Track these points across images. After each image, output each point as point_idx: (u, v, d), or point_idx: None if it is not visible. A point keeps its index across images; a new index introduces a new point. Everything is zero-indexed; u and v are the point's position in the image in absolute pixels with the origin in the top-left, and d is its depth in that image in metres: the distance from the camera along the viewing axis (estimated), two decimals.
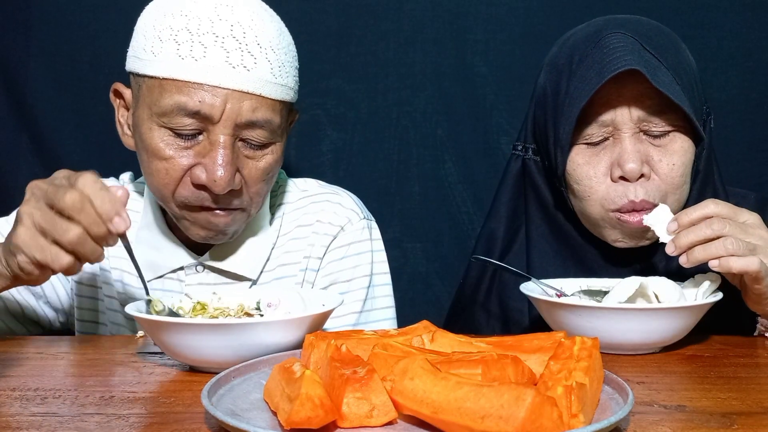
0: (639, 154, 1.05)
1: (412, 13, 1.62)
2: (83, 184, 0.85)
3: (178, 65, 0.99)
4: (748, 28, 1.59)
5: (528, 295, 0.98)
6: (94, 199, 0.84)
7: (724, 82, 1.59)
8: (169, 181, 1.03)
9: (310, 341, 0.77)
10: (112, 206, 0.85)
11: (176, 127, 1.01)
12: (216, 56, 0.99)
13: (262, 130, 1.04)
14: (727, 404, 0.72)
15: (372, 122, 1.64)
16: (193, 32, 0.99)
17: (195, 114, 1.00)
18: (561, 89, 1.09)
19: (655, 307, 0.90)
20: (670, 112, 1.04)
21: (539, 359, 0.71)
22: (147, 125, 1.03)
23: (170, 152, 1.02)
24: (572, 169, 1.10)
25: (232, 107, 1.00)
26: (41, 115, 1.63)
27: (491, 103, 1.63)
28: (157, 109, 1.01)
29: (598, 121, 1.06)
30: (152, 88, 1.02)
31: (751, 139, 1.60)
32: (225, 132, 1.01)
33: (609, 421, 0.58)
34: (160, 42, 1.00)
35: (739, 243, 0.89)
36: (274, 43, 1.04)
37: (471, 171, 1.64)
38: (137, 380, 0.83)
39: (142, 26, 1.05)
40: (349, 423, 0.62)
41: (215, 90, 0.99)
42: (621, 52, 1.03)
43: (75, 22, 1.61)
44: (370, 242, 1.23)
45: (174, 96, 0.99)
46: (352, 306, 1.20)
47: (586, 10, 1.56)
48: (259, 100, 1.02)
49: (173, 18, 1.01)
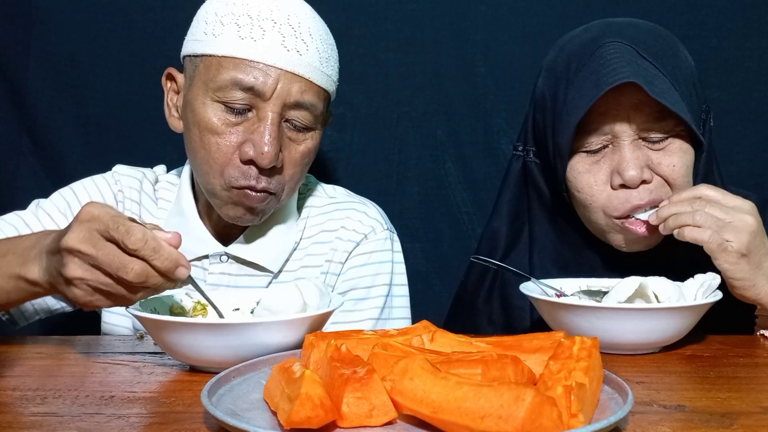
0: (638, 161, 1.05)
1: (412, 13, 1.62)
2: (136, 250, 0.80)
3: (238, 44, 1.07)
4: (748, 28, 1.59)
5: (528, 295, 0.99)
6: (153, 262, 0.81)
7: (724, 82, 1.59)
8: (219, 156, 1.08)
9: (310, 341, 0.77)
10: (171, 263, 0.82)
11: (229, 101, 1.07)
12: (273, 39, 1.07)
13: (307, 113, 1.10)
14: (726, 404, 0.72)
15: (372, 122, 1.64)
16: (254, 17, 1.08)
17: (249, 89, 1.06)
18: (559, 97, 1.09)
19: (655, 307, 0.90)
20: (668, 119, 1.05)
21: (539, 359, 0.71)
22: (201, 100, 1.09)
23: (222, 127, 1.08)
24: (573, 177, 1.10)
25: (283, 86, 1.07)
26: (41, 115, 1.62)
27: (491, 103, 1.63)
28: (214, 85, 1.07)
29: (597, 131, 1.07)
30: (210, 66, 1.08)
31: (753, 140, 1.60)
32: (274, 110, 1.07)
33: (608, 421, 0.58)
34: (222, 25, 1.08)
35: (707, 217, 0.94)
36: (323, 37, 1.13)
37: (471, 171, 1.64)
38: (137, 380, 0.83)
39: (203, 14, 1.12)
40: (348, 423, 0.62)
41: (269, 69, 1.07)
42: (618, 63, 1.03)
43: (75, 22, 1.61)
44: (392, 253, 1.26)
45: (231, 72, 1.06)
46: (370, 312, 1.21)
47: (586, 10, 1.56)
48: (308, 84, 1.09)
49: (235, 6, 1.09)
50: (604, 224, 1.10)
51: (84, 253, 0.81)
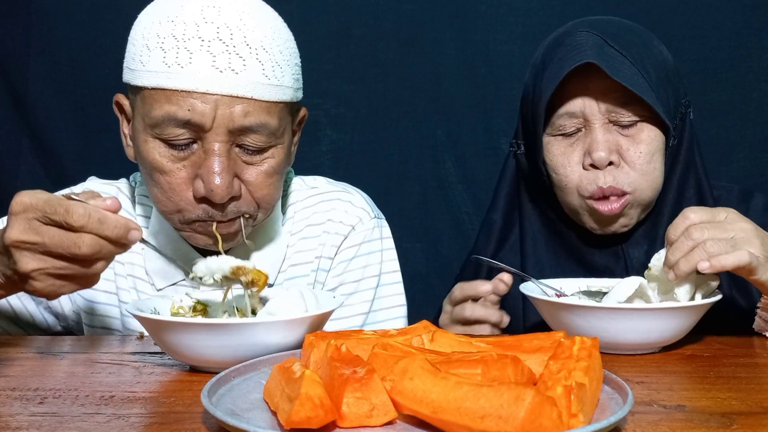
0: (608, 143, 1.11)
1: (412, 13, 1.63)
2: (82, 226, 0.80)
3: (165, 73, 0.96)
4: (748, 28, 1.59)
5: (527, 295, 0.99)
6: (102, 232, 0.81)
7: (724, 82, 1.59)
8: (172, 194, 1.00)
9: (310, 341, 0.77)
10: (121, 228, 0.82)
11: (169, 137, 0.98)
12: (202, 61, 0.95)
13: (257, 135, 1.00)
14: (726, 404, 0.72)
15: (372, 122, 1.64)
16: (179, 38, 0.96)
17: (186, 124, 0.96)
18: (536, 86, 1.16)
19: (655, 307, 0.90)
20: (635, 104, 1.10)
21: (539, 359, 0.71)
22: (142, 137, 1.00)
23: (168, 164, 0.99)
24: (549, 159, 1.16)
25: (223, 113, 0.96)
26: (41, 115, 1.63)
27: (491, 103, 1.63)
28: (149, 121, 0.98)
29: (568, 113, 1.13)
30: (144, 99, 0.99)
31: (753, 139, 1.60)
32: (218, 139, 0.97)
33: (608, 421, 0.58)
34: (148, 51, 0.97)
35: (719, 243, 0.91)
36: (266, 42, 0.99)
37: (471, 171, 1.65)
38: (137, 380, 0.83)
39: (133, 35, 1.02)
40: (348, 423, 0.62)
41: (204, 97, 0.95)
42: (582, 48, 1.10)
43: (75, 22, 1.62)
44: (380, 241, 1.23)
45: (164, 106, 0.96)
46: (360, 307, 1.19)
47: (586, 10, 1.56)
48: (251, 104, 0.98)
49: (160, 25, 0.98)
50: (578, 205, 1.15)
51: (30, 243, 0.80)
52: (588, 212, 1.15)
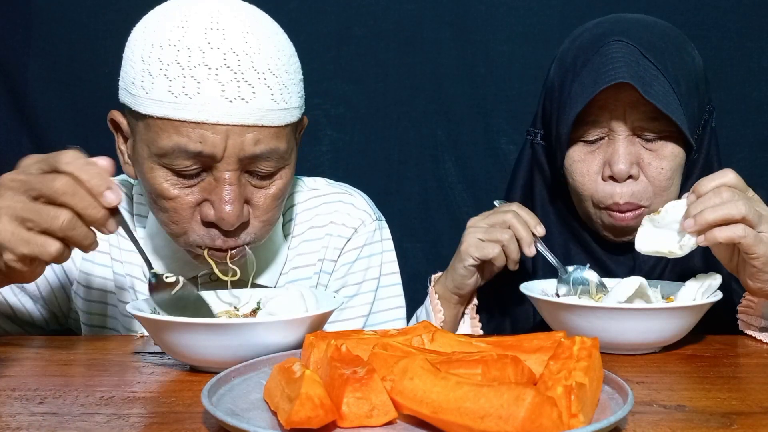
0: (630, 156, 1.10)
1: (412, 13, 1.63)
2: (67, 163, 0.83)
3: (173, 104, 0.93)
4: (749, 28, 1.59)
5: (528, 295, 0.99)
6: (81, 175, 0.82)
7: (724, 82, 1.59)
8: (177, 219, 0.99)
9: (310, 341, 0.77)
10: (102, 180, 0.83)
11: (178, 168, 0.96)
12: (211, 91, 0.92)
13: (267, 161, 0.98)
14: (726, 404, 0.72)
15: (371, 122, 1.64)
16: (184, 66, 0.93)
17: (197, 155, 0.94)
18: (565, 89, 1.13)
19: (655, 307, 0.90)
20: (663, 119, 1.08)
21: (539, 359, 0.71)
22: (148, 165, 0.97)
23: (175, 191, 0.97)
24: (569, 164, 1.15)
25: (234, 143, 0.94)
26: (41, 115, 1.63)
27: (491, 103, 1.63)
28: (156, 150, 0.95)
29: (595, 123, 1.12)
30: (149, 126, 0.96)
31: (753, 139, 1.60)
32: (229, 168, 0.96)
33: (608, 421, 0.58)
34: (151, 77, 0.94)
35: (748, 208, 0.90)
36: (272, 64, 0.97)
37: (471, 171, 1.65)
38: (137, 380, 0.83)
39: (130, 56, 0.98)
40: (349, 423, 0.62)
41: (214, 128, 0.93)
42: (618, 62, 1.07)
43: (75, 22, 1.62)
44: (381, 243, 1.24)
45: (173, 137, 0.94)
46: (361, 309, 1.20)
47: (586, 10, 1.56)
48: (261, 131, 0.96)
49: (162, 49, 0.94)
50: (592, 213, 1.15)
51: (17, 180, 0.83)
52: (601, 221, 1.15)
